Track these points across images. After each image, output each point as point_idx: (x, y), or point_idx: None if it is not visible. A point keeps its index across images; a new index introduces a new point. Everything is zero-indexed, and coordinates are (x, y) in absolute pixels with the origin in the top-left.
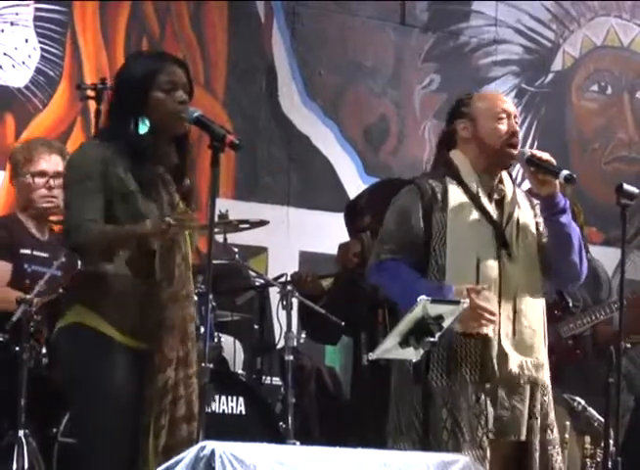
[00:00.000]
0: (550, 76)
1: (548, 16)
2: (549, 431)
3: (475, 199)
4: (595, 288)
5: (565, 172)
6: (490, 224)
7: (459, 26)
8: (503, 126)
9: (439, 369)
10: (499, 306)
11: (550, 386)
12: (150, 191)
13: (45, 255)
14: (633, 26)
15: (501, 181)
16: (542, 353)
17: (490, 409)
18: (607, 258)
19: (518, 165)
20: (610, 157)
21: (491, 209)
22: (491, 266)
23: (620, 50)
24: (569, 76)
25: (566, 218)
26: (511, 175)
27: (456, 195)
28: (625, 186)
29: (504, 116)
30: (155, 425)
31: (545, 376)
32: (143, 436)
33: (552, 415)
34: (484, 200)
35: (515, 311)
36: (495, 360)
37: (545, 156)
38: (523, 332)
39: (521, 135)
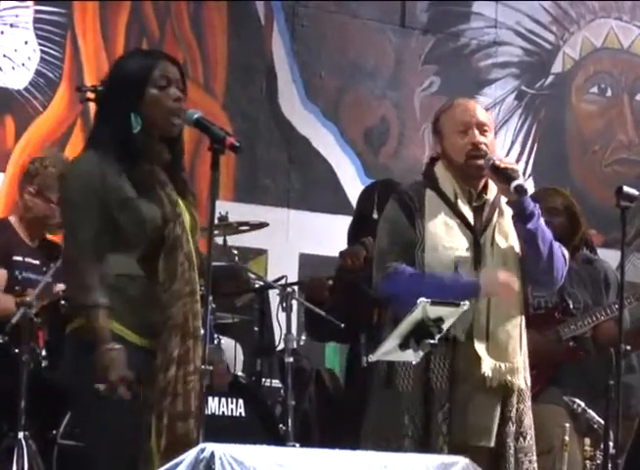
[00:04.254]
0: (550, 78)
1: (548, 18)
2: (521, 438)
3: (452, 205)
4: (604, 290)
5: (515, 183)
6: (468, 230)
7: (459, 28)
8: (462, 140)
9: (405, 374)
10: (473, 310)
11: (528, 392)
12: (149, 193)
13: (36, 262)
14: (633, 28)
15: (485, 188)
16: (518, 358)
17: (458, 415)
18: (607, 259)
19: None
20: (610, 159)
21: (470, 215)
22: (468, 270)
23: (620, 52)
24: (568, 78)
25: (533, 225)
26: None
27: (433, 202)
28: (625, 188)
29: (462, 128)
30: (157, 423)
31: (521, 381)
32: (145, 434)
33: (527, 422)
34: (463, 206)
35: (488, 315)
36: (465, 365)
37: (506, 163)
38: (496, 337)
39: (520, 137)
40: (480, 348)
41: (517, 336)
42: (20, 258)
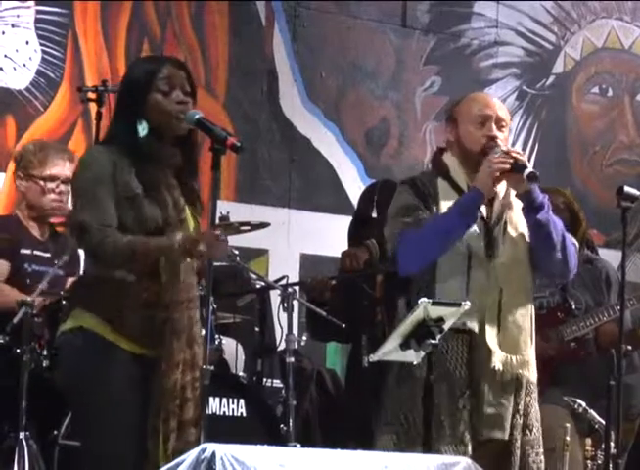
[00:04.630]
0: (551, 79)
1: (549, 18)
2: (528, 431)
3: None
4: (605, 289)
5: (528, 170)
6: (481, 221)
7: (460, 28)
8: (481, 131)
9: (425, 364)
10: (486, 302)
11: (535, 384)
12: (154, 194)
13: (46, 254)
14: (634, 29)
15: None
16: (528, 351)
17: (475, 405)
18: (608, 260)
19: None
20: (611, 159)
21: (482, 207)
22: (480, 261)
23: (621, 52)
24: (569, 79)
25: (543, 215)
26: None
27: (446, 192)
28: (626, 188)
29: (481, 120)
30: (163, 428)
31: (531, 374)
32: (150, 439)
33: (533, 414)
34: None
35: (500, 308)
36: (481, 356)
37: (516, 152)
38: (508, 329)
39: (521, 138)
40: (491, 340)
41: (528, 328)
42: (28, 251)
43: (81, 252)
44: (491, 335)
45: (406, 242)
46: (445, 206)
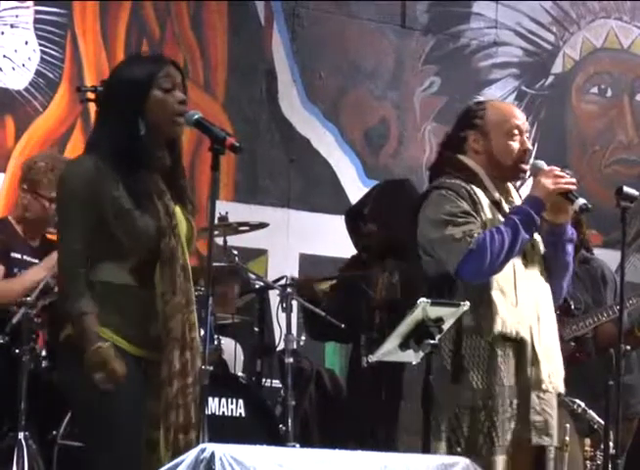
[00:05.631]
0: (550, 79)
1: (548, 18)
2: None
3: (498, 205)
4: (602, 287)
5: (581, 201)
6: None
7: (459, 29)
8: (515, 144)
9: (480, 371)
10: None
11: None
12: (145, 205)
13: (35, 261)
14: (633, 29)
15: (508, 191)
16: (560, 362)
17: (523, 414)
18: (606, 260)
19: None
20: (610, 159)
21: None
22: (522, 272)
23: (620, 52)
24: (569, 79)
25: (571, 248)
26: (515, 186)
27: (484, 200)
28: (625, 188)
29: (517, 132)
30: (166, 436)
31: (562, 386)
32: (150, 449)
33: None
34: (505, 206)
35: (538, 318)
36: (527, 365)
37: (566, 178)
38: (545, 339)
39: None
40: (539, 351)
41: (557, 340)
42: (18, 256)
43: None
44: (538, 344)
45: (478, 252)
46: (489, 213)
